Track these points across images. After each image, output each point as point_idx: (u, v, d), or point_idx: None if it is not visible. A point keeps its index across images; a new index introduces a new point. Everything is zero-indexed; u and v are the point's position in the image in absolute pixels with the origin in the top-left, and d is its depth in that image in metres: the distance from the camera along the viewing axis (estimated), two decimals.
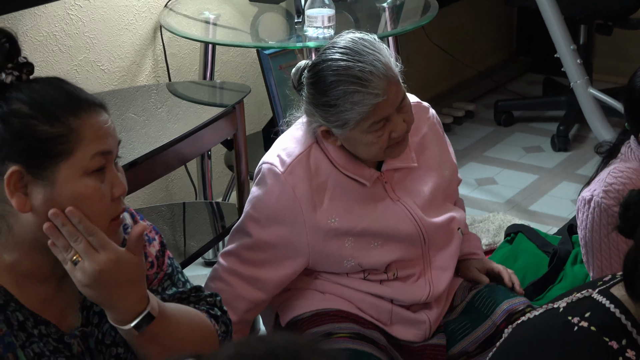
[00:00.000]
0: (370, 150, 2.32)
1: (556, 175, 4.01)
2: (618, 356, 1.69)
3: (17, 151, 1.58)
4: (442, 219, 2.55)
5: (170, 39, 3.36)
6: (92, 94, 1.68)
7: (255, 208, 2.42)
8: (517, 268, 2.96)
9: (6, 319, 1.65)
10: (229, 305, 2.33)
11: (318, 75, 2.26)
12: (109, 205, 1.64)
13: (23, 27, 2.96)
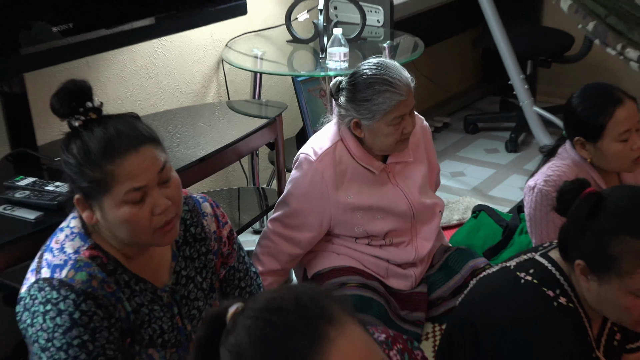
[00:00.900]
0: (387, 140, 2.33)
1: (508, 169, 3.97)
2: (553, 302, 1.66)
3: (77, 185, 1.58)
4: (428, 202, 2.56)
5: (229, 69, 3.34)
6: (142, 130, 1.61)
7: (294, 186, 2.42)
8: (479, 236, 2.94)
9: (115, 280, 1.65)
10: (274, 257, 2.47)
11: (357, 79, 2.28)
12: (149, 222, 1.58)
13: (122, 60, 2.94)
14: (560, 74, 4.63)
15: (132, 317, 1.66)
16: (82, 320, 1.57)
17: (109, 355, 1.60)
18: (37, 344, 1.59)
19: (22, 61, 2.29)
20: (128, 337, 1.67)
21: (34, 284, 1.60)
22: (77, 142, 1.55)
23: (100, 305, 1.59)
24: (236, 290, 1.92)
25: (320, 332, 0.97)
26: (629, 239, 1.53)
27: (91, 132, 1.55)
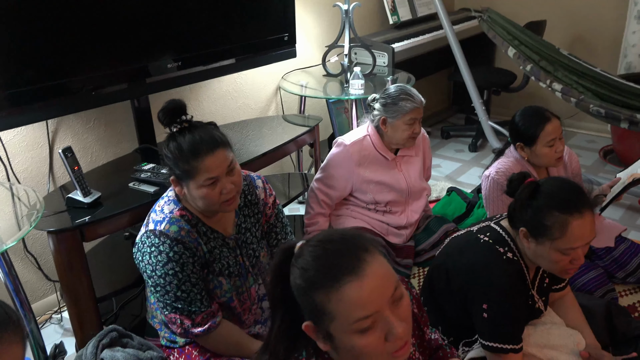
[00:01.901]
0: (402, 135, 2.32)
1: (470, 163, 3.88)
2: (502, 256, 1.62)
3: (172, 171, 1.60)
4: (419, 186, 2.52)
5: (284, 93, 3.31)
6: (217, 137, 1.59)
7: (332, 159, 2.41)
8: (451, 208, 2.87)
9: (197, 230, 1.67)
10: (316, 204, 2.47)
11: (389, 92, 2.31)
12: (218, 198, 1.59)
13: (213, 86, 2.91)
14: (507, 99, 4.54)
15: (208, 256, 1.67)
16: (175, 258, 1.60)
17: (193, 282, 1.63)
18: (145, 273, 1.66)
19: (148, 87, 2.28)
20: (205, 269, 1.68)
21: (144, 234, 1.66)
22: (174, 143, 1.57)
23: (187, 248, 1.62)
24: (274, 240, 1.89)
25: (358, 255, 0.97)
26: (557, 213, 1.48)
27: (183, 137, 1.56)
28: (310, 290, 0.98)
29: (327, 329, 0.99)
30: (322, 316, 0.98)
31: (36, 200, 1.79)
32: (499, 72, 4.23)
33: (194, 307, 1.62)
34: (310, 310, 1.00)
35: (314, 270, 0.98)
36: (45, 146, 2.27)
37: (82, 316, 1.89)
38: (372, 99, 2.37)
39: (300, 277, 0.99)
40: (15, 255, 2.28)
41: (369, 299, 0.95)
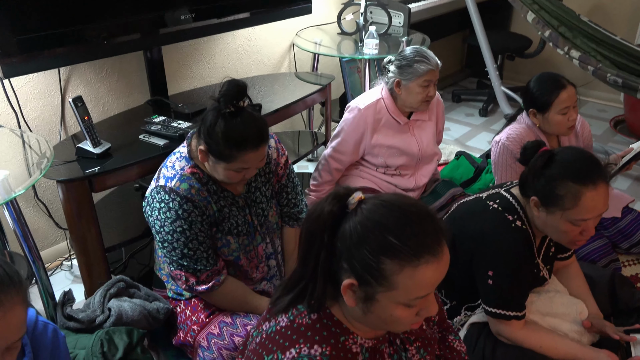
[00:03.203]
0: (415, 98, 2.20)
1: (480, 128, 3.80)
2: (511, 223, 1.55)
3: (207, 144, 1.52)
4: (431, 151, 2.41)
5: (297, 50, 3.19)
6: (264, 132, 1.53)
7: (346, 124, 2.28)
8: (459, 172, 2.80)
9: (207, 189, 1.62)
10: (327, 172, 2.37)
11: (405, 54, 2.17)
12: (239, 180, 1.58)
13: (227, 40, 2.82)
14: (520, 65, 4.40)
15: (217, 214, 1.63)
16: (183, 215, 1.55)
17: (200, 240, 1.59)
18: (154, 228, 1.62)
19: (161, 37, 2.21)
20: (214, 227, 1.64)
21: (154, 189, 1.60)
22: (223, 125, 1.47)
23: (196, 206, 1.57)
24: (285, 200, 1.85)
25: (440, 238, 0.94)
26: (571, 183, 1.42)
27: (233, 122, 1.47)
28: (385, 254, 0.92)
29: (375, 293, 0.94)
30: (380, 281, 0.93)
31: (47, 148, 1.74)
32: (515, 36, 4.09)
33: (200, 265, 1.59)
34: (364, 269, 0.93)
35: (397, 238, 0.91)
36: (57, 94, 2.21)
37: (90, 265, 1.87)
38: (387, 60, 2.26)
39: (372, 236, 0.92)
40: (26, 202, 2.25)
41: (436, 281, 0.94)
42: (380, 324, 0.99)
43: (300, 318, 1.02)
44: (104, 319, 1.65)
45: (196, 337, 1.66)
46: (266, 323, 1.08)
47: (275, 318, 1.06)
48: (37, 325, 1.15)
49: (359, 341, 1.04)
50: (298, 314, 1.03)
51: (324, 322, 1.02)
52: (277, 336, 1.02)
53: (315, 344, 0.98)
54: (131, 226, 2.09)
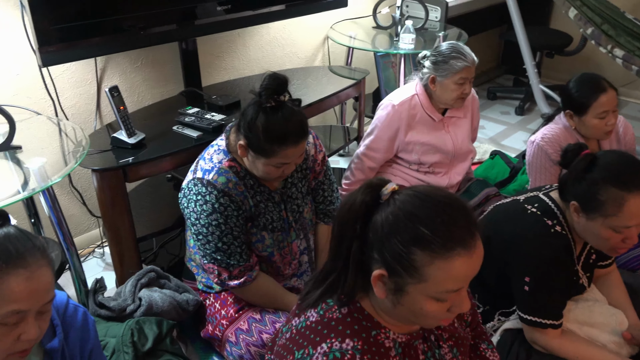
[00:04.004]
0: (450, 95, 2.13)
1: (516, 127, 3.71)
2: (551, 229, 1.50)
3: (247, 139, 1.51)
4: (466, 148, 2.35)
5: (331, 44, 3.17)
6: (304, 128, 1.51)
7: (380, 121, 2.23)
8: (493, 172, 2.75)
9: (245, 183, 1.61)
10: (361, 170, 2.32)
11: (441, 50, 2.11)
12: (278, 176, 1.58)
13: (261, 32, 2.81)
14: (560, 63, 4.27)
15: (253, 209, 1.61)
16: (220, 209, 1.54)
17: (235, 235, 1.58)
18: (189, 220, 1.61)
19: (196, 29, 2.21)
20: (249, 222, 1.62)
21: (191, 180, 1.59)
22: (263, 120, 1.45)
23: (232, 201, 1.56)
24: (320, 197, 1.83)
25: (473, 232, 0.92)
26: (613, 189, 1.36)
27: (274, 117, 1.45)
28: (415, 245, 0.90)
29: (405, 285, 0.93)
30: (410, 272, 0.91)
31: (82, 137, 1.76)
32: (554, 33, 3.98)
33: (233, 260, 1.58)
34: (395, 260, 0.92)
35: (429, 229, 0.90)
36: (93, 83, 2.23)
37: (122, 254, 1.89)
38: (422, 56, 2.20)
39: (403, 226, 0.91)
40: (62, 189, 2.28)
41: (468, 275, 0.92)
42: (410, 317, 0.98)
43: (330, 312, 1.01)
44: (134, 308, 1.67)
45: (224, 331, 1.66)
46: (295, 319, 1.06)
47: (305, 313, 1.05)
48: (68, 307, 1.18)
49: (392, 336, 1.02)
50: (328, 309, 1.02)
51: (355, 316, 1.01)
52: (307, 331, 1.01)
53: (347, 338, 0.97)
54: (162, 217, 2.10)
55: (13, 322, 0.93)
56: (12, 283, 0.91)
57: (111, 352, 1.51)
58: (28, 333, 0.94)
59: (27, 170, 1.57)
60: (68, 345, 1.15)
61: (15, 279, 0.92)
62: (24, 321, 0.95)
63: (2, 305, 0.91)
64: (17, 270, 0.92)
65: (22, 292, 0.92)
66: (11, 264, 0.92)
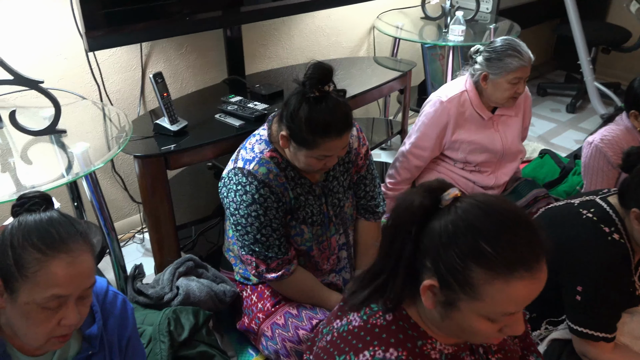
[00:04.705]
0: (503, 94, 2.03)
1: (566, 125, 3.56)
2: (608, 236, 1.41)
3: (289, 129, 1.47)
4: (515, 148, 2.25)
5: (377, 34, 3.09)
6: (349, 120, 1.46)
7: (427, 117, 2.15)
8: (542, 172, 2.64)
9: (285, 175, 1.57)
10: (407, 169, 2.24)
11: (495, 46, 2.00)
12: (320, 168, 1.53)
13: (306, 21, 2.76)
14: (616, 59, 4.07)
15: (293, 202, 1.58)
16: (260, 200, 1.52)
17: (274, 227, 1.55)
18: (228, 210, 1.59)
19: (241, 16, 2.18)
20: (289, 215, 1.59)
21: (232, 170, 1.57)
22: (306, 110, 1.41)
23: (273, 192, 1.53)
24: (362, 192, 1.78)
25: (538, 254, 0.85)
26: None
27: (318, 107, 1.41)
28: (475, 261, 0.84)
29: (457, 300, 0.88)
30: (465, 288, 0.86)
31: (126, 122, 1.76)
32: (612, 28, 3.79)
33: (271, 252, 1.56)
34: (449, 272, 0.86)
35: (491, 246, 0.84)
36: (138, 69, 2.24)
37: (162, 241, 1.89)
38: (474, 50, 2.10)
39: (463, 239, 0.85)
40: (104, 173, 2.30)
41: (527, 299, 0.86)
42: (458, 332, 0.93)
43: (374, 318, 0.97)
44: (172, 296, 1.66)
45: (260, 325, 1.64)
46: (337, 321, 1.02)
47: (347, 316, 1.01)
48: (108, 294, 1.18)
49: (438, 347, 0.97)
50: (372, 314, 0.98)
51: (400, 324, 0.96)
52: (349, 336, 0.97)
53: (391, 347, 0.92)
54: (202, 205, 2.10)
55: (54, 306, 0.94)
56: (55, 267, 0.92)
57: (147, 340, 1.51)
58: (68, 318, 0.95)
59: (71, 154, 1.57)
60: (107, 332, 1.15)
61: (58, 263, 0.93)
62: (64, 306, 0.95)
63: (44, 289, 0.92)
64: (60, 254, 0.93)
65: (63, 276, 0.93)
66: (54, 248, 0.93)
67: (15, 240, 0.94)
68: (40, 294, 0.92)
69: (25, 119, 1.70)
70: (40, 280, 0.92)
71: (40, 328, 0.95)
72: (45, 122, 1.68)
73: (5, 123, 1.68)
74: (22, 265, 0.92)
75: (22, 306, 0.94)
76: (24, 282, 0.92)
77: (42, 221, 0.96)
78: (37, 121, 1.72)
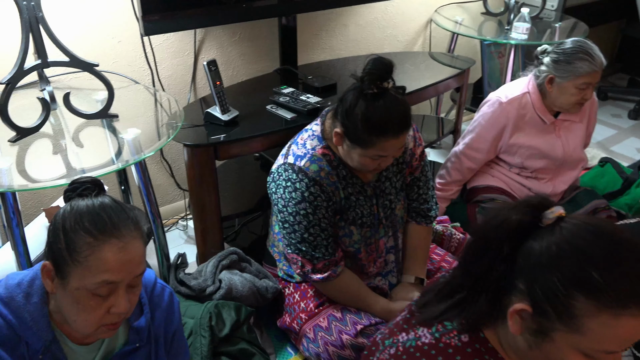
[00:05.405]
0: (569, 99, 1.92)
1: (628, 132, 3.40)
2: None
3: (345, 127, 1.41)
4: (577, 156, 2.14)
5: (434, 28, 2.99)
6: (408, 119, 1.39)
7: (484, 119, 2.06)
8: (603, 182, 2.51)
9: (337, 173, 1.52)
10: (459, 171, 2.16)
11: (565, 47, 1.88)
12: (373, 168, 1.47)
13: (362, 12, 2.70)
14: None
15: (344, 202, 1.53)
16: (309, 199, 1.47)
17: (322, 227, 1.50)
18: (276, 206, 1.55)
19: (297, 5, 2.13)
20: (338, 215, 1.54)
21: (282, 165, 1.52)
22: (363, 107, 1.35)
23: (323, 190, 1.48)
24: (415, 194, 1.70)
25: None
26: None
27: (376, 105, 1.34)
28: (580, 290, 0.77)
29: (552, 330, 0.80)
30: (564, 319, 0.78)
31: (177, 109, 1.74)
32: None
33: (318, 252, 1.51)
34: (547, 298, 0.79)
35: (602, 276, 0.76)
36: (190, 55, 2.21)
37: (206, 231, 1.87)
38: (541, 50, 1.98)
39: (569, 264, 0.78)
40: (152, 158, 2.30)
41: (635, 338, 0.78)
42: None
43: (447, 337, 0.90)
44: (214, 289, 1.64)
45: (303, 325, 1.60)
46: (403, 334, 0.96)
47: (415, 330, 0.94)
48: (156, 286, 1.17)
49: None
50: (445, 332, 0.91)
51: (476, 347, 0.89)
52: (417, 352, 0.90)
53: None
54: (247, 196, 2.07)
55: (104, 293, 0.94)
56: (106, 253, 0.92)
57: (189, 333, 1.49)
58: (118, 306, 0.95)
59: (121, 140, 1.56)
60: (154, 325, 1.14)
61: (109, 248, 0.92)
62: (114, 293, 0.95)
63: (95, 274, 0.92)
64: (111, 239, 0.93)
65: (114, 262, 0.92)
66: (105, 233, 0.93)
67: (68, 224, 0.94)
68: (90, 280, 0.92)
69: (78, 101, 1.70)
70: (91, 265, 0.92)
71: (90, 315, 0.95)
72: (97, 105, 1.67)
73: (58, 104, 1.68)
74: (73, 250, 0.92)
75: (72, 292, 0.94)
76: (75, 267, 0.92)
77: (94, 206, 0.96)
78: (90, 104, 1.72)
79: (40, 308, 0.99)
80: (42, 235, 1.70)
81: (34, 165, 1.43)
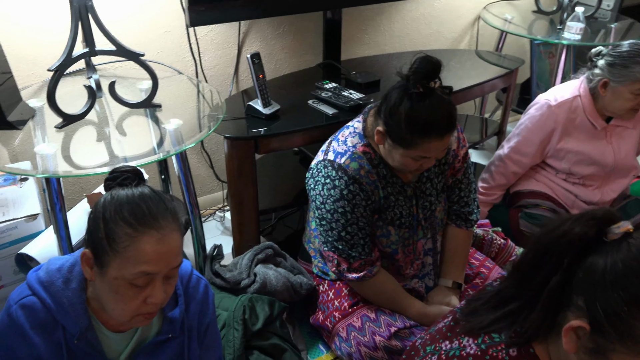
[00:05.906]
0: (623, 104, 1.84)
1: None
2: None
3: (388, 126, 1.38)
4: (629, 164, 2.06)
5: (482, 25, 2.92)
6: (453, 121, 1.35)
7: (531, 122, 1.99)
8: None
9: (377, 172, 1.50)
10: (503, 175, 2.11)
11: (622, 50, 1.80)
12: (414, 168, 1.44)
13: (409, 7, 2.66)
14: None
15: (383, 201, 1.50)
16: (348, 197, 1.45)
17: (360, 225, 1.48)
18: (314, 203, 1.54)
19: None
20: (376, 215, 1.52)
21: (322, 161, 1.50)
22: (408, 107, 1.32)
23: (362, 189, 1.46)
24: (456, 197, 1.66)
25: None
26: None
27: (421, 105, 1.31)
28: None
29: (610, 350, 0.77)
30: (624, 339, 0.75)
31: (218, 101, 1.74)
32: None
33: (355, 251, 1.49)
34: (607, 318, 0.76)
35: None
36: (234, 47, 2.22)
37: (243, 224, 1.87)
38: (596, 52, 1.91)
39: (637, 283, 0.74)
40: (192, 149, 2.32)
41: None
42: None
43: (495, 350, 0.87)
44: (248, 283, 1.64)
45: (336, 324, 1.58)
46: (446, 342, 0.93)
47: (459, 339, 0.91)
48: (192, 278, 1.18)
49: None
50: (492, 345, 0.87)
51: None
52: None
53: None
54: (285, 191, 2.06)
55: (142, 283, 0.95)
56: (144, 244, 0.92)
57: (222, 325, 1.49)
58: (155, 296, 0.96)
59: (164, 130, 1.57)
60: (188, 316, 1.15)
61: (148, 239, 0.93)
62: (151, 284, 0.96)
63: (133, 265, 0.92)
64: (150, 231, 0.93)
65: (152, 253, 0.93)
66: (144, 224, 0.93)
67: (108, 213, 0.95)
68: (129, 270, 0.93)
69: (123, 90, 1.72)
70: (130, 255, 0.92)
71: (127, 304, 0.96)
72: (141, 94, 1.69)
73: (104, 92, 1.71)
74: (113, 239, 0.93)
75: (111, 281, 0.95)
76: (114, 257, 0.93)
77: (133, 196, 0.96)
78: (134, 92, 1.74)
79: (78, 294, 1.01)
80: (84, 220, 1.72)
81: (78, 152, 1.45)
